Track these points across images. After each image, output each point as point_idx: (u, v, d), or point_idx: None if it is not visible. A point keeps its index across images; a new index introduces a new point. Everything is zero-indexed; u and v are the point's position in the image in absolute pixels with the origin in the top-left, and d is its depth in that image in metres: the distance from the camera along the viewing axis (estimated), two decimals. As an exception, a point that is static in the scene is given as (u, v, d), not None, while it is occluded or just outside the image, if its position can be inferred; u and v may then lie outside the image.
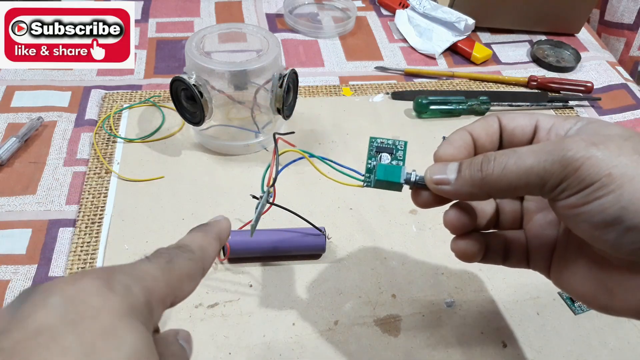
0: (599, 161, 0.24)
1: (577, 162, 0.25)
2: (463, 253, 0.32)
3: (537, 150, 0.26)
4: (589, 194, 0.25)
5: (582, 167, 0.25)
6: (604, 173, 0.24)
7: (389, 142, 0.33)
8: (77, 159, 0.53)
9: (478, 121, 0.32)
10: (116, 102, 0.60)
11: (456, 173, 0.29)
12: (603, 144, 0.25)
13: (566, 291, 0.31)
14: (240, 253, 0.44)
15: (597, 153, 0.25)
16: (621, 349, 0.41)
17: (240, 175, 0.53)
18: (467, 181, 0.28)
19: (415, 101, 0.61)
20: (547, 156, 0.26)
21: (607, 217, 0.25)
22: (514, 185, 0.27)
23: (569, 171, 0.25)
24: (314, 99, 0.63)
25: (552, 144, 0.26)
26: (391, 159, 0.32)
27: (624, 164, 0.24)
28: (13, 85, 0.61)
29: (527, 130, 0.30)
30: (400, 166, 0.32)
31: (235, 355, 0.39)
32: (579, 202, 0.25)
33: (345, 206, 0.50)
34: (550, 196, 0.27)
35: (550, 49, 0.76)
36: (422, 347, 0.40)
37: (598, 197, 0.25)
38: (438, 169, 0.30)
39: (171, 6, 0.78)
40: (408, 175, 0.31)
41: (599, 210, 0.25)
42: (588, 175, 0.25)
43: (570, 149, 0.25)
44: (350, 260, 0.46)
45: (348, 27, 0.76)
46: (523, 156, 0.26)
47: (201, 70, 0.49)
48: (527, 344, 0.41)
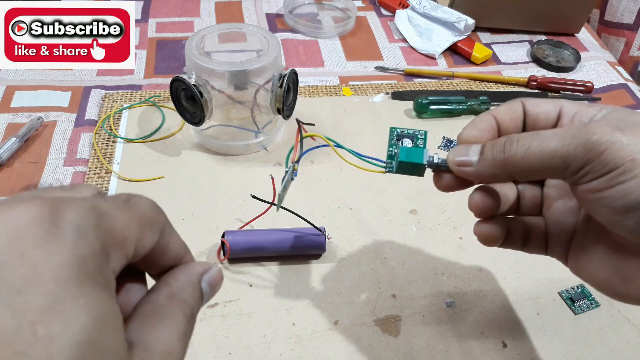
0: (623, 146, 0.24)
1: (601, 146, 0.25)
2: (486, 236, 0.32)
3: (561, 133, 0.26)
4: (611, 178, 0.25)
5: (606, 152, 0.25)
6: (629, 158, 0.24)
7: (409, 131, 0.33)
8: (77, 159, 0.53)
9: (503, 105, 0.32)
10: (116, 102, 0.60)
11: (479, 155, 0.29)
12: (629, 129, 0.25)
13: (583, 279, 0.31)
14: (240, 253, 0.44)
15: (622, 138, 0.25)
16: (621, 349, 0.41)
17: (240, 175, 0.53)
18: (489, 162, 0.28)
19: (415, 101, 0.61)
20: (572, 139, 0.26)
21: (628, 202, 0.25)
22: (537, 168, 0.27)
23: (592, 155, 0.25)
24: (314, 99, 0.63)
25: (576, 128, 0.26)
26: (412, 144, 0.32)
27: None
28: (13, 85, 0.61)
29: (552, 115, 0.30)
30: (422, 148, 0.32)
31: (235, 355, 0.39)
32: (601, 187, 0.25)
33: (345, 206, 0.50)
34: (573, 179, 0.27)
35: (550, 49, 0.76)
36: (422, 347, 0.40)
37: (621, 182, 0.25)
38: (461, 150, 0.29)
39: (171, 6, 0.78)
40: (430, 157, 0.31)
41: (621, 195, 0.25)
42: (612, 159, 0.25)
43: (595, 132, 0.25)
44: (350, 260, 0.46)
45: (348, 27, 0.76)
46: (547, 139, 0.26)
47: (201, 70, 0.49)
48: (527, 344, 0.41)
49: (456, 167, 0.29)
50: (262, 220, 0.46)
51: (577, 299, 0.44)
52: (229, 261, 0.45)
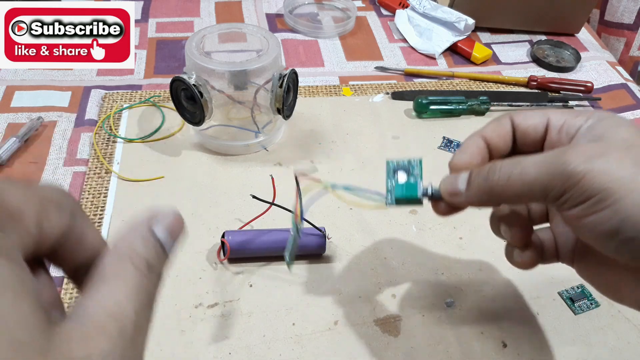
0: (598, 175, 0.25)
1: (577, 175, 0.26)
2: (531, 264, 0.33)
3: (539, 162, 0.27)
4: (589, 206, 0.26)
5: (582, 181, 0.25)
6: (603, 187, 0.25)
7: (405, 163, 0.34)
8: (77, 159, 0.53)
9: (490, 123, 0.33)
10: (116, 102, 0.60)
11: (466, 184, 0.30)
12: (604, 155, 0.26)
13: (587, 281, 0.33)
14: (240, 253, 0.44)
15: (597, 166, 0.25)
16: (621, 349, 0.41)
17: (240, 175, 0.53)
18: (476, 191, 0.30)
19: (415, 101, 0.61)
20: (548, 168, 0.27)
21: (606, 229, 0.26)
22: (520, 195, 0.28)
23: (570, 184, 0.26)
24: (314, 99, 0.63)
25: (554, 155, 0.27)
26: (407, 176, 0.34)
27: (623, 177, 0.25)
28: (13, 85, 0.61)
29: (539, 128, 0.31)
30: (416, 182, 0.33)
31: (235, 355, 0.39)
32: (581, 214, 0.26)
33: (345, 206, 0.50)
34: (554, 206, 0.28)
35: (550, 49, 0.76)
36: (422, 347, 0.40)
37: (597, 211, 0.25)
38: (450, 181, 0.31)
39: (171, 6, 0.78)
40: (425, 189, 0.33)
41: (599, 222, 0.26)
42: (588, 188, 0.25)
43: (571, 162, 0.26)
44: (350, 260, 0.46)
45: (348, 27, 0.76)
46: (526, 168, 0.28)
47: (201, 70, 0.49)
48: (527, 344, 0.41)
49: (448, 197, 0.31)
50: (262, 221, 0.46)
51: (577, 299, 0.44)
52: (229, 261, 0.45)
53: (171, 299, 0.42)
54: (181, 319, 0.41)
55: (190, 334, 0.40)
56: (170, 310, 0.41)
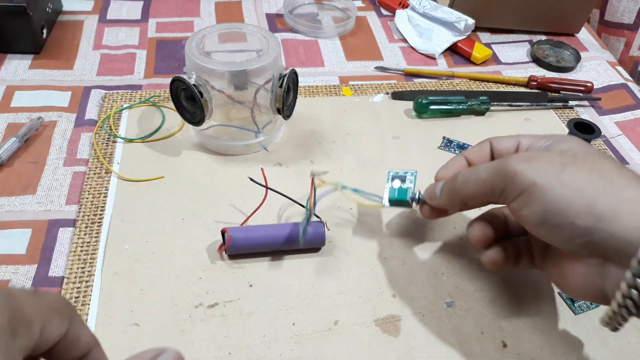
0: (528, 173, 0.30)
1: (512, 174, 0.31)
2: (493, 261, 0.38)
3: (489, 167, 0.33)
4: (522, 200, 0.31)
5: (515, 178, 0.31)
6: (532, 182, 0.30)
7: (402, 173, 0.43)
8: (77, 159, 0.53)
9: (473, 147, 0.40)
10: (116, 102, 0.60)
11: (440, 191, 0.38)
12: (536, 159, 0.31)
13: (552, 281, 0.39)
14: (241, 243, 0.44)
15: (527, 166, 0.31)
16: (621, 349, 0.41)
17: (240, 175, 0.53)
18: (446, 195, 0.38)
19: (415, 101, 0.61)
20: (493, 169, 0.33)
21: (537, 219, 0.31)
22: (475, 195, 0.35)
23: (507, 182, 0.32)
24: (314, 99, 0.63)
25: (499, 161, 0.33)
26: (401, 183, 0.42)
27: (548, 175, 0.30)
28: (13, 85, 0.61)
29: (512, 149, 0.37)
30: (406, 188, 0.42)
31: (235, 355, 0.39)
32: (517, 207, 0.32)
33: (345, 206, 0.50)
34: (500, 202, 0.33)
35: (550, 49, 0.76)
36: (422, 347, 0.40)
37: (528, 203, 0.31)
38: (431, 189, 0.40)
39: (171, 6, 0.78)
40: (413, 194, 0.42)
41: (531, 213, 0.31)
42: (520, 184, 0.31)
43: (509, 164, 0.32)
44: (350, 260, 0.46)
45: (348, 27, 0.76)
46: (479, 172, 0.34)
47: (201, 70, 0.49)
48: (527, 344, 0.41)
49: (428, 200, 0.40)
50: (261, 216, 0.46)
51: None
52: (230, 257, 0.45)
53: (171, 299, 0.42)
54: (181, 319, 0.41)
55: (190, 334, 0.40)
56: (170, 310, 0.41)
